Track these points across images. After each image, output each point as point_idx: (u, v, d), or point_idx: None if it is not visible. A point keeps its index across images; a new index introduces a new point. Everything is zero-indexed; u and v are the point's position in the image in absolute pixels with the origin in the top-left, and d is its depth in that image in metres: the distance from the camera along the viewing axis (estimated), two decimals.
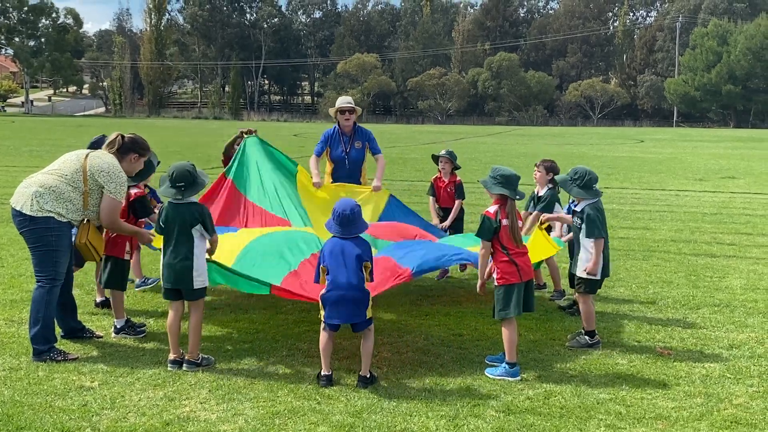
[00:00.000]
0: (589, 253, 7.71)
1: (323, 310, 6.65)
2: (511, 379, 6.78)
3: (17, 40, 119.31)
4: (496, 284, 7.04)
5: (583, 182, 7.78)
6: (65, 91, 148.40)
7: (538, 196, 9.91)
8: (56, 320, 7.47)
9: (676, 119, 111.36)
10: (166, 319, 8.20)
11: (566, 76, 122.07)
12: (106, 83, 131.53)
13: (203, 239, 7.01)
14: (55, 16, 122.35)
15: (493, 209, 6.99)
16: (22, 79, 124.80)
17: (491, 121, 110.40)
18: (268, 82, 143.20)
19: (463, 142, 52.83)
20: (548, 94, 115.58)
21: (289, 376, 6.81)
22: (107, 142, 7.62)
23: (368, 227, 7.03)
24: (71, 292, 7.82)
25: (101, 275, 8.10)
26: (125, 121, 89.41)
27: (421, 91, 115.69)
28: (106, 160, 7.36)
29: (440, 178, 10.96)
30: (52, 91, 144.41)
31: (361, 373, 6.68)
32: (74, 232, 7.45)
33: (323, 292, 6.62)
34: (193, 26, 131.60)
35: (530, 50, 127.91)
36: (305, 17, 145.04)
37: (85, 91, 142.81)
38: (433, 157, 11.33)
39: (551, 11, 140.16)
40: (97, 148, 7.93)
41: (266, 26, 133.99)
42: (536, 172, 9.98)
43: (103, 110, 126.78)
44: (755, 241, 14.33)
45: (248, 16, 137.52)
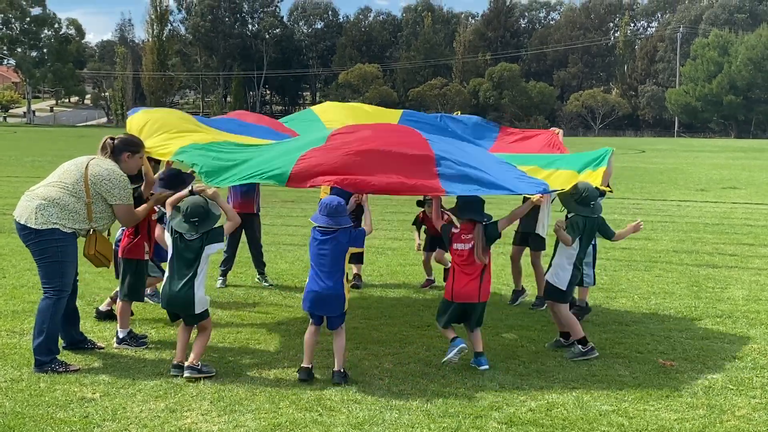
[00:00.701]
0: (562, 259, 7.88)
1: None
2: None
3: (19, 50, 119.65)
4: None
5: (580, 198, 7.84)
6: (67, 101, 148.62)
7: None
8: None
9: (677, 129, 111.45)
10: (168, 329, 8.23)
11: (567, 86, 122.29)
12: (108, 94, 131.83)
13: (206, 264, 7.10)
14: (57, 26, 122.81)
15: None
16: (24, 89, 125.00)
17: None
18: (269, 92, 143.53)
19: None
20: (549, 104, 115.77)
21: (290, 387, 6.80)
22: (99, 147, 7.61)
23: (356, 230, 7.11)
24: (75, 302, 7.82)
25: (121, 284, 8.10)
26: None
27: (422, 101, 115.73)
28: (105, 166, 7.37)
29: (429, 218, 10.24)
30: (54, 101, 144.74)
31: (335, 368, 6.96)
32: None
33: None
34: (195, 37, 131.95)
35: (531, 60, 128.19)
36: (307, 28, 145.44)
37: (87, 101, 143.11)
38: (418, 203, 10.91)
39: (552, 22, 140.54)
40: None
41: (268, 37, 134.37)
42: None
43: (105, 120, 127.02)
44: (757, 251, 14.31)
45: (250, 26, 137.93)
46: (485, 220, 7.46)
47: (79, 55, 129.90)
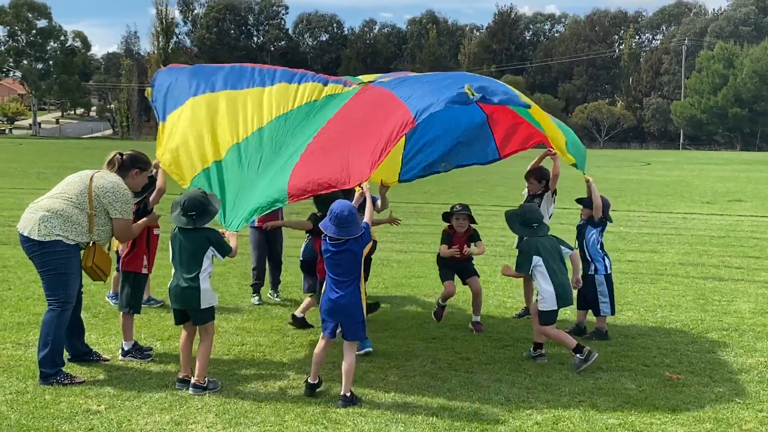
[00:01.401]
0: (539, 284, 7.94)
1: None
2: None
3: (25, 62, 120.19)
4: None
5: (522, 219, 8.12)
6: (73, 113, 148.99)
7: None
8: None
9: (682, 142, 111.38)
10: (173, 341, 8.22)
11: (572, 98, 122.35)
12: (113, 106, 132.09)
13: (211, 264, 7.04)
14: (63, 39, 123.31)
15: None
16: (29, 101, 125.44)
17: None
18: None
19: None
20: (554, 116, 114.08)
21: (296, 400, 6.78)
22: (107, 161, 7.63)
23: (364, 230, 6.93)
24: (80, 314, 7.82)
25: (120, 296, 8.11)
26: (132, 143, 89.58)
27: None
28: (110, 179, 7.38)
29: (455, 234, 9.56)
30: (59, 113, 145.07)
31: (341, 392, 6.73)
32: None
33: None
34: (200, 49, 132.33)
35: (536, 73, 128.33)
36: (312, 40, 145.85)
37: (92, 113, 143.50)
38: (444, 215, 9.75)
39: (557, 34, 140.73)
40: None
41: (273, 49, 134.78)
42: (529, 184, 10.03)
43: (110, 132, 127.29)
44: (763, 264, 14.28)
45: (255, 39, 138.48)
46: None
47: (84, 67, 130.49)
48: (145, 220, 7.84)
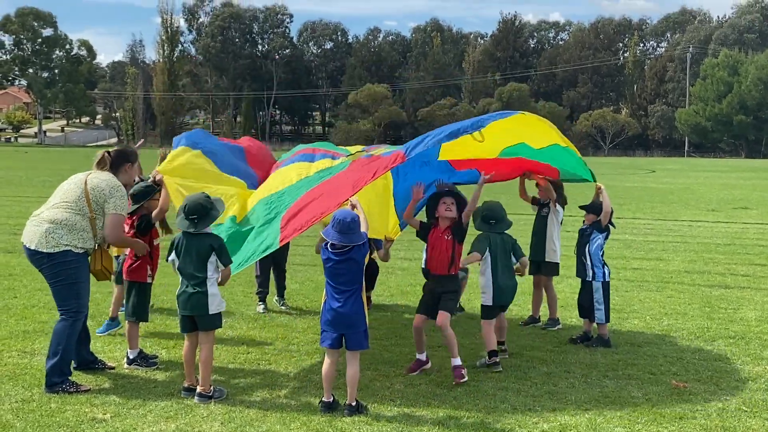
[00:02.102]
0: (483, 279, 8.26)
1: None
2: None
3: (31, 71, 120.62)
4: None
5: (483, 216, 8.30)
6: (78, 121, 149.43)
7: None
8: None
9: (687, 149, 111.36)
10: (178, 349, 8.20)
11: (577, 106, 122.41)
12: (118, 114, 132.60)
13: (216, 270, 7.02)
14: (68, 47, 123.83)
15: None
16: (35, 110, 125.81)
17: None
18: (279, 112, 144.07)
19: None
20: (559, 124, 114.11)
21: (301, 408, 6.77)
22: (97, 162, 7.58)
23: (366, 238, 6.93)
24: (86, 323, 7.82)
25: (126, 305, 8.12)
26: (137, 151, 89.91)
27: (431, 121, 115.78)
28: (103, 178, 7.37)
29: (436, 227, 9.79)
30: (65, 121, 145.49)
31: (347, 401, 6.69)
32: None
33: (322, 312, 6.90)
34: (205, 57, 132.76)
35: (541, 80, 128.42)
36: (316, 48, 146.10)
37: (98, 121, 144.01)
38: (428, 200, 10.20)
39: (561, 42, 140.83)
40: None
41: (278, 57, 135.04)
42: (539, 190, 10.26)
43: (115, 140, 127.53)
44: None
45: (260, 47, 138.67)
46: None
47: (90, 75, 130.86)
48: (135, 241, 7.82)
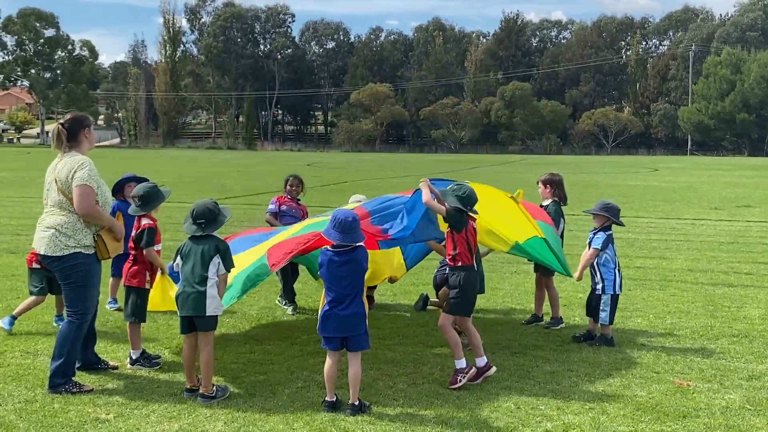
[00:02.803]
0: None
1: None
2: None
3: (33, 71, 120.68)
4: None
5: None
6: None
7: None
8: None
9: (690, 147, 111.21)
10: (181, 350, 8.20)
11: (579, 104, 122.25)
12: (121, 114, 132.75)
13: (218, 272, 7.03)
14: (70, 48, 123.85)
15: None
16: (37, 110, 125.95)
17: (504, 150, 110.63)
18: (281, 112, 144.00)
19: (477, 171, 52.88)
20: (561, 122, 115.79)
21: (304, 408, 6.76)
22: (54, 139, 7.32)
23: (365, 239, 6.99)
24: (94, 324, 7.82)
25: (125, 307, 8.13)
26: (140, 151, 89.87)
27: (434, 120, 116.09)
28: (61, 167, 7.21)
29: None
30: None
31: (350, 401, 6.68)
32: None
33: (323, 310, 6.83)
34: (207, 57, 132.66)
35: (543, 79, 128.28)
36: (318, 48, 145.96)
37: (100, 122, 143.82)
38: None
39: (564, 40, 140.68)
40: (124, 186, 9.67)
41: (280, 57, 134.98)
42: (539, 188, 10.19)
43: (117, 141, 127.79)
44: None
45: (262, 47, 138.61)
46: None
47: (92, 76, 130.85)
48: (104, 215, 7.33)
